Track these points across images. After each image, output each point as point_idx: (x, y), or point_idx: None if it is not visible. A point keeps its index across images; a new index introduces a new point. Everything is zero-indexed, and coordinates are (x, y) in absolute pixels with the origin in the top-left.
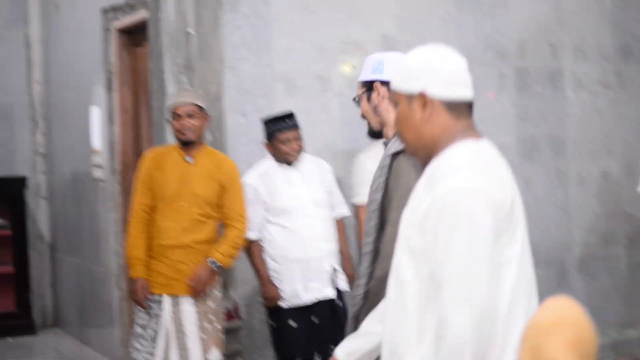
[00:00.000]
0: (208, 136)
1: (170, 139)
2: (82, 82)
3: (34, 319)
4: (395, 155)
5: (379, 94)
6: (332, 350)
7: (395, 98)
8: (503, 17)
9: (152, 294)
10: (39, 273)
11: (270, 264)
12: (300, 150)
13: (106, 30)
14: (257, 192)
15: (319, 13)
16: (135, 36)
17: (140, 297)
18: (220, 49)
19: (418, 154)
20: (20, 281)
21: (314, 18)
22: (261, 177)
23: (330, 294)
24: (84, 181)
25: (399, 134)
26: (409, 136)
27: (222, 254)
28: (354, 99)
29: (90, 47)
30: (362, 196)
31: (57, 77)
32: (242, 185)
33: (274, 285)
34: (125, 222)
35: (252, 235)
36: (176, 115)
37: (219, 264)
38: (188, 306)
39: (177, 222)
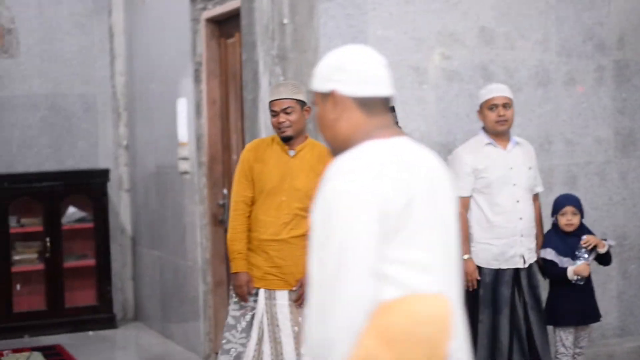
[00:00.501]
0: None
1: (264, 132)
2: (168, 73)
3: (114, 312)
4: None
5: None
6: None
7: (314, 99)
8: (603, 8)
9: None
10: (120, 266)
11: None
12: None
13: (194, 20)
14: None
15: (416, 3)
16: (224, 26)
17: (243, 291)
18: (315, 40)
19: (335, 152)
20: (102, 274)
21: (410, 8)
22: None
23: None
24: (168, 174)
25: (320, 133)
26: (326, 135)
27: None
28: None
29: (177, 38)
30: (461, 190)
31: (141, 69)
32: None
33: None
34: (211, 215)
35: None
36: (273, 111)
37: None
38: (283, 300)
39: (276, 217)
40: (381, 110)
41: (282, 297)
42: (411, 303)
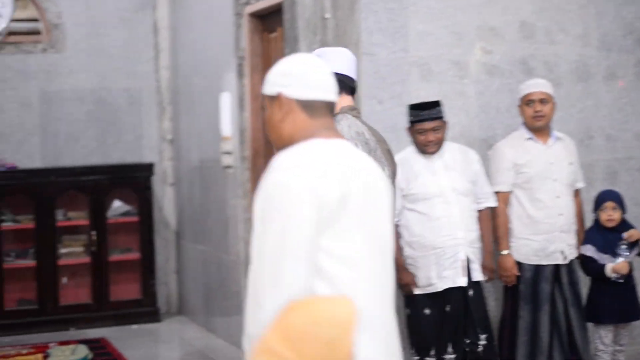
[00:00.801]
0: None
1: None
2: (212, 67)
3: (158, 306)
4: None
5: None
6: (464, 341)
7: (264, 102)
8: None
9: None
10: (164, 260)
11: (407, 250)
12: (437, 141)
13: (238, 15)
14: None
15: None
16: (267, 21)
17: None
18: (356, 34)
19: (279, 151)
20: (146, 268)
21: (450, 3)
22: (400, 163)
23: (463, 283)
24: (212, 168)
25: (268, 135)
26: (273, 135)
27: None
28: None
29: (220, 32)
30: (501, 185)
31: (185, 63)
32: None
33: (409, 271)
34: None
35: None
36: None
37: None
38: None
39: None
40: (324, 113)
41: None
42: (315, 305)
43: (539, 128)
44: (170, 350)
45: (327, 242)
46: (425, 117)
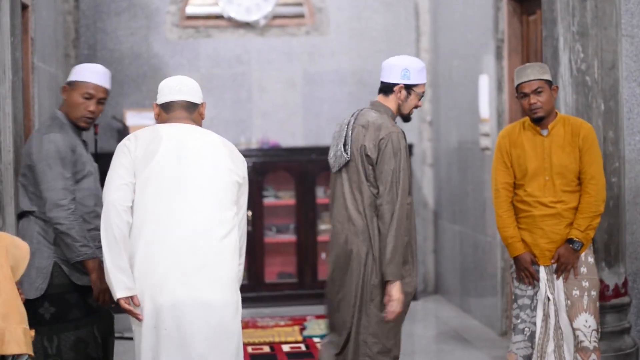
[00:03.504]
0: (600, 105)
1: (563, 109)
2: (471, 50)
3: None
4: None
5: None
6: None
7: None
8: None
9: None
10: (423, 239)
11: None
12: None
13: None
14: None
15: None
16: (526, 4)
17: (531, 269)
18: (616, 16)
19: None
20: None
21: None
22: None
23: None
24: (470, 149)
25: None
26: None
27: (580, 230)
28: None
29: (479, 15)
30: None
31: (444, 46)
32: (598, 148)
33: None
34: None
35: None
36: (522, 94)
37: (580, 242)
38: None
39: (543, 195)
40: (176, 108)
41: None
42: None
43: None
44: (426, 328)
45: (138, 182)
46: None
